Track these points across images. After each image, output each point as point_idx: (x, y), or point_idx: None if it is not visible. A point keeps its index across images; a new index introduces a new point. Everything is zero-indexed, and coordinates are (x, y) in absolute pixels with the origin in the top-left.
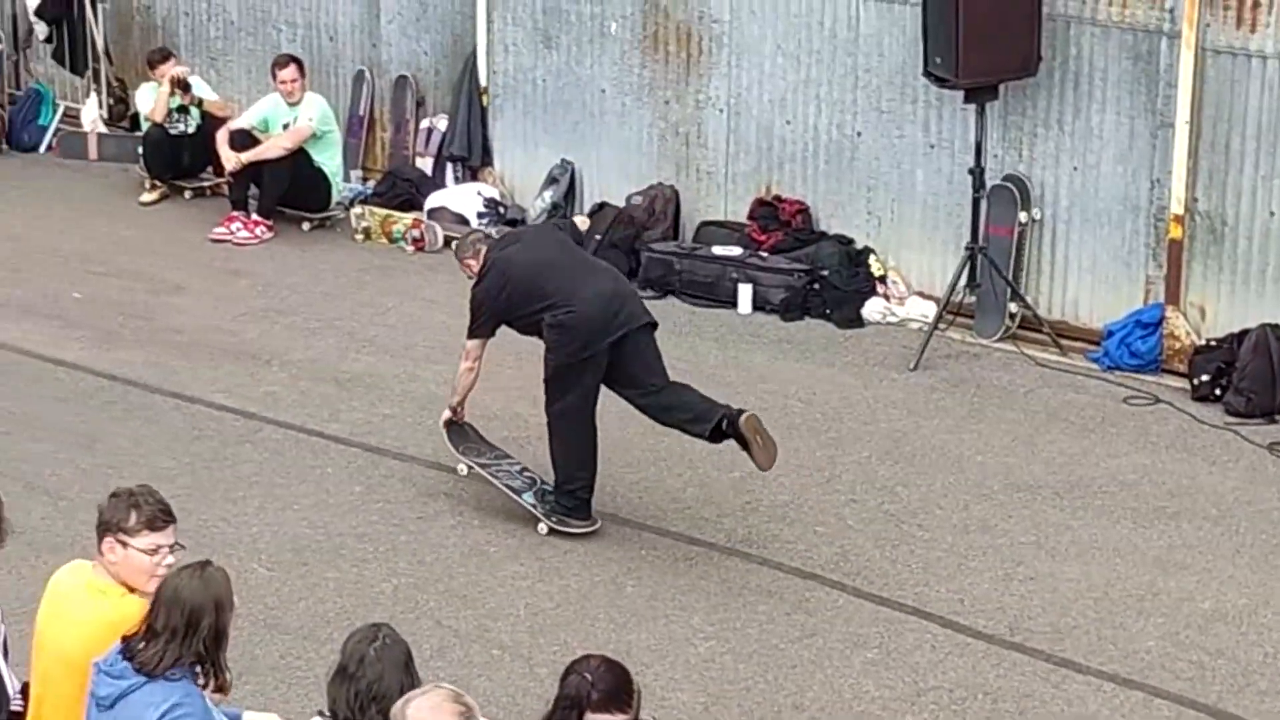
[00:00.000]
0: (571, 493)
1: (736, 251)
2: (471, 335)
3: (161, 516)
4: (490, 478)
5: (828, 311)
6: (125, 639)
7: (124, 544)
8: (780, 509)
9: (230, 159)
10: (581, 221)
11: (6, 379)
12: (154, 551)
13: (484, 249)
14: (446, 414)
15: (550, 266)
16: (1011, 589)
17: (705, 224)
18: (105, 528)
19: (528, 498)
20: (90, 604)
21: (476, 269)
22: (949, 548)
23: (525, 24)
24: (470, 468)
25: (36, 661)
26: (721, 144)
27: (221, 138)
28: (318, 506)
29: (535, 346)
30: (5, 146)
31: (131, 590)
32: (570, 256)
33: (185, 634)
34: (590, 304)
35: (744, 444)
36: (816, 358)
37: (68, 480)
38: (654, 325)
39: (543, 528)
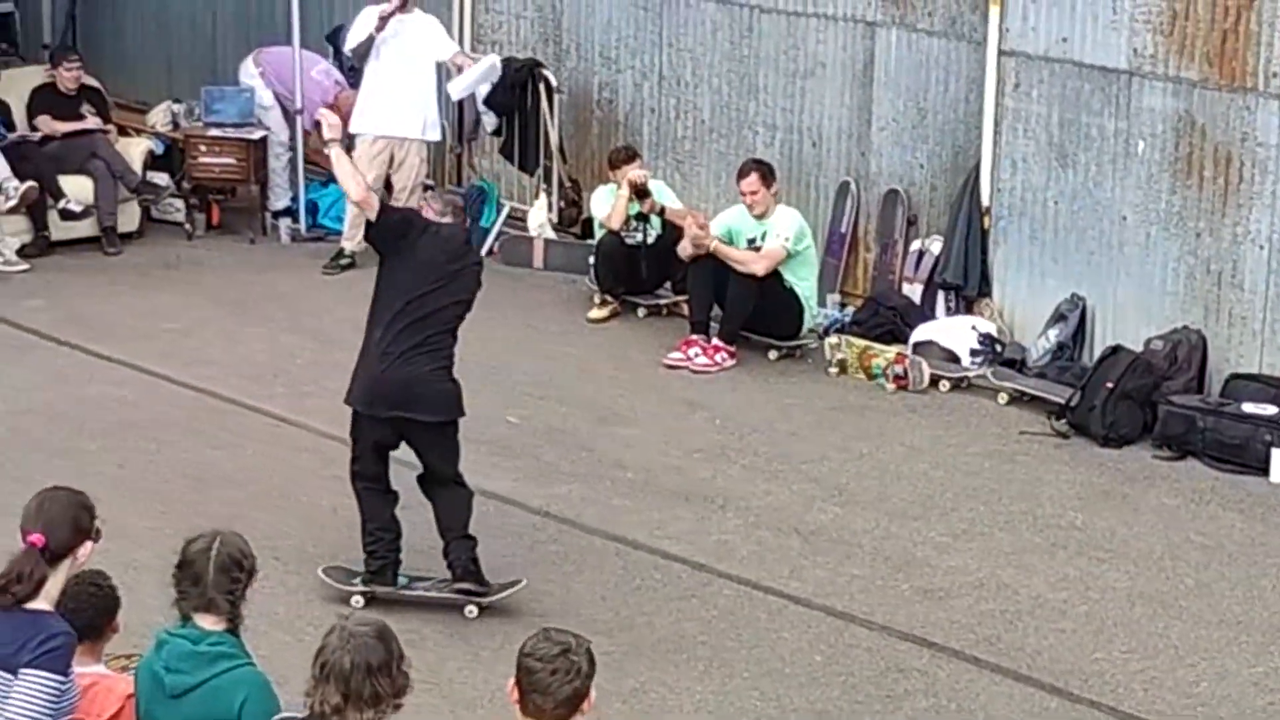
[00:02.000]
0: (370, 555)
1: (1271, 410)
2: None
3: None
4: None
5: None
6: None
7: None
8: None
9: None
10: None
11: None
12: None
13: (446, 212)
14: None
15: (399, 294)
16: None
17: (1235, 376)
18: None
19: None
20: None
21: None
22: None
23: (1038, 137)
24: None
25: None
26: (1260, 285)
27: (683, 249)
28: (770, 675)
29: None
30: None
31: None
32: (414, 312)
33: None
34: (361, 367)
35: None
36: None
37: (491, 629)
38: (441, 424)
39: (471, 610)
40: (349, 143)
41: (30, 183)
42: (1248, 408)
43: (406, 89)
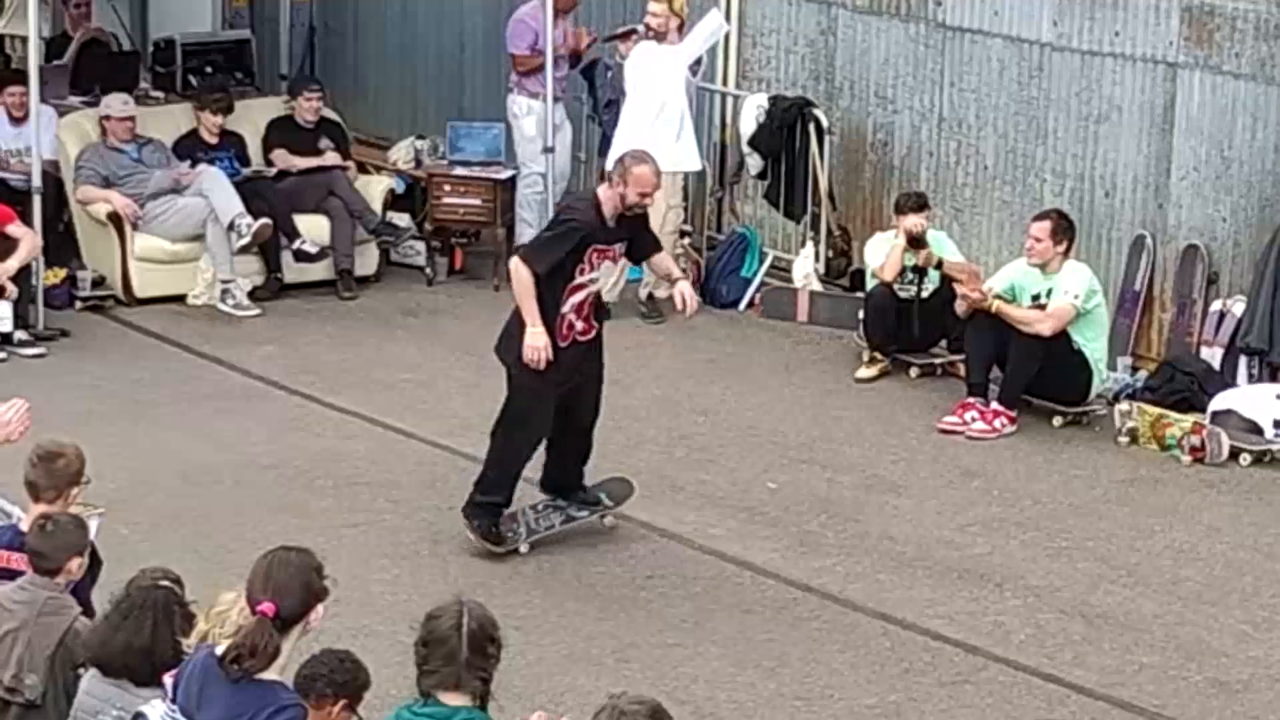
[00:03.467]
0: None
1: None
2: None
3: None
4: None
5: None
6: None
7: None
8: None
9: None
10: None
11: (679, 578)
12: None
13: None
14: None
15: None
16: None
17: None
18: None
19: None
20: None
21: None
22: None
23: None
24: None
25: None
26: None
27: (960, 306)
28: None
29: None
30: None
31: None
32: None
33: None
34: None
35: None
36: None
37: (746, 709)
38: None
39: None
40: None
41: (264, 221)
42: None
43: (653, 123)
